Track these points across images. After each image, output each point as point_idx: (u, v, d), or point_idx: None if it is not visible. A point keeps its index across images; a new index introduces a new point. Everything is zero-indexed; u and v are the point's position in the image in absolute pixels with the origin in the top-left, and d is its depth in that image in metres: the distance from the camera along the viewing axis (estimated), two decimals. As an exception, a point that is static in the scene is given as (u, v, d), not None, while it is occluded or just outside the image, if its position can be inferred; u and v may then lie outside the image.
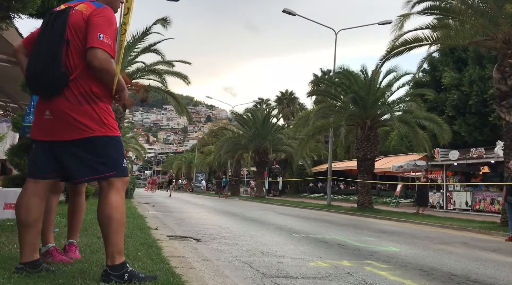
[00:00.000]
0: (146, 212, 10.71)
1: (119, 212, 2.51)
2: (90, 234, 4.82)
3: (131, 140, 51.98)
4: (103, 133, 2.51)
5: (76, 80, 2.49)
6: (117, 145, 2.59)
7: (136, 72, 19.89)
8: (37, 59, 2.48)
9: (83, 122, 2.46)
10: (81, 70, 2.51)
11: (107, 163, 2.52)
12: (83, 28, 2.51)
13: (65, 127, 2.47)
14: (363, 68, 18.18)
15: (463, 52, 21.62)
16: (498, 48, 11.42)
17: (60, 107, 2.47)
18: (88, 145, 2.48)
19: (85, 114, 2.48)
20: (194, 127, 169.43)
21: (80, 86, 2.49)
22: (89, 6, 2.59)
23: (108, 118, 2.56)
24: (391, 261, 5.06)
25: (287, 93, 54.04)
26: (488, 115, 19.48)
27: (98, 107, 2.52)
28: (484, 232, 10.24)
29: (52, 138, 2.52)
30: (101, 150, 2.51)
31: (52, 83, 2.45)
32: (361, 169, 17.76)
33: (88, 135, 2.47)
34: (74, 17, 2.53)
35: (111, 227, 2.47)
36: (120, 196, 2.54)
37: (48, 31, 2.52)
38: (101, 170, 2.51)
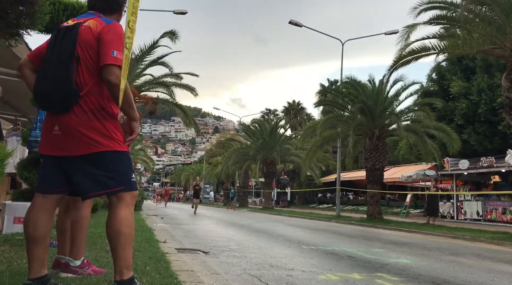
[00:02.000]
0: (155, 225, 10.70)
1: (128, 227, 2.50)
2: (98, 248, 4.81)
3: (140, 152, 52.19)
4: (112, 148, 2.52)
5: (86, 96, 2.50)
6: (126, 159, 2.60)
7: (144, 84, 20.05)
8: (47, 75, 2.48)
9: (92, 137, 2.47)
10: (91, 86, 2.52)
11: (116, 178, 2.52)
12: (94, 45, 2.53)
13: (74, 142, 2.48)
14: (370, 78, 18.18)
15: (471, 61, 21.52)
16: (507, 56, 11.36)
17: (69, 123, 2.48)
18: (97, 160, 2.49)
19: (94, 129, 2.49)
20: (202, 139, 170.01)
21: (90, 102, 2.51)
22: (99, 22, 2.60)
23: (117, 133, 2.57)
24: (402, 273, 4.99)
25: (295, 104, 54.09)
26: (498, 124, 19.30)
27: (107, 122, 2.53)
28: (496, 243, 10.07)
29: (61, 154, 2.53)
30: (110, 165, 2.51)
31: (63, 100, 2.46)
32: (370, 179, 17.64)
33: (97, 150, 2.48)
34: (84, 34, 2.54)
35: (119, 242, 2.46)
36: (129, 211, 2.53)
37: (58, 47, 2.52)
38: (110, 185, 2.51)
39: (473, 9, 11.26)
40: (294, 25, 21.31)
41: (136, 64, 18.97)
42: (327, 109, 23.71)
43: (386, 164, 18.48)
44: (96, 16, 2.66)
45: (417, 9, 12.06)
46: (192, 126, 24.49)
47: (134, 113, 2.69)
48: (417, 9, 12.05)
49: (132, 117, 2.70)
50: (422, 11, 12.07)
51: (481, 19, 11.38)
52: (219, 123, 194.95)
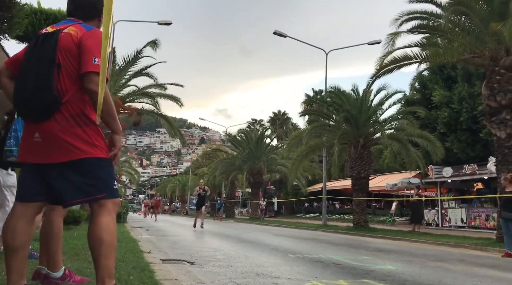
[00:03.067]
0: (140, 236, 10.56)
1: (110, 235, 2.45)
2: (81, 259, 4.73)
3: (124, 164, 51.69)
4: (93, 154, 2.48)
5: (68, 102, 2.47)
6: (108, 166, 2.56)
7: (128, 95, 19.95)
8: (27, 83, 2.44)
9: (73, 144, 2.44)
10: (72, 93, 2.49)
11: (97, 185, 2.48)
12: (74, 52, 2.50)
13: (55, 149, 2.44)
14: (354, 87, 18.39)
15: (452, 70, 21.95)
16: (486, 65, 11.61)
17: (50, 129, 2.44)
18: (78, 167, 2.45)
19: (75, 136, 2.45)
20: (187, 150, 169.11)
21: (71, 109, 2.47)
22: (79, 29, 2.57)
23: (99, 140, 2.54)
24: (387, 279, 5.00)
25: (280, 114, 54.35)
26: (479, 132, 19.65)
27: (89, 129, 2.50)
28: (480, 248, 10.19)
29: (42, 161, 2.48)
30: (91, 172, 2.47)
31: (44, 108, 2.42)
32: (355, 188, 17.74)
33: (79, 157, 2.44)
34: (64, 40, 2.51)
35: (101, 250, 2.41)
36: (111, 218, 2.49)
37: (37, 54, 2.49)
38: (91, 192, 2.47)
39: (453, 19, 11.51)
40: (279, 35, 21.49)
41: (120, 75, 18.89)
42: (313, 119, 23.88)
43: (371, 172, 18.62)
44: (76, 23, 2.63)
45: (399, 20, 12.28)
46: (178, 137, 24.38)
47: (116, 125, 2.61)
48: (399, 20, 12.27)
49: (114, 130, 2.62)
50: (404, 22, 12.29)
51: (461, 28, 11.65)
52: (205, 134, 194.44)
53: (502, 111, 11.15)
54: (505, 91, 11.08)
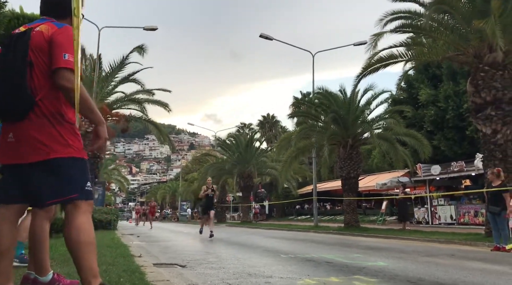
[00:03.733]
0: (131, 243, 10.47)
1: (87, 235, 2.41)
2: (71, 264, 4.64)
3: (114, 172, 51.38)
4: (66, 154, 2.44)
5: (41, 101, 2.45)
6: (81, 167, 2.52)
7: (116, 102, 19.86)
8: (0, 83, 2.42)
9: (46, 144, 2.41)
10: (46, 91, 2.46)
11: (69, 185, 2.44)
12: (45, 49, 2.48)
13: (29, 149, 2.41)
14: (341, 88, 18.51)
15: (437, 69, 22.23)
16: (470, 62, 11.78)
17: (23, 129, 2.42)
18: (50, 167, 2.41)
19: (49, 135, 2.42)
20: (177, 156, 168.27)
21: (45, 107, 2.45)
22: (50, 26, 2.55)
23: (73, 139, 2.50)
24: (379, 274, 5.02)
25: (269, 117, 54.49)
26: (466, 129, 19.91)
27: (63, 128, 2.47)
28: (469, 243, 10.30)
29: (17, 161, 2.45)
30: (64, 172, 2.43)
31: (18, 107, 2.40)
32: (345, 188, 17.82)
33: (52, 156, 2.40)
34: (35, 39, 2.50)
35: (80, 251, 2.37)
36: (86, 218, 2.45)
37: (10, 54, 2.47)
38: (64, 193, 2.42)
39: (437, 17, 11.67)
40: (265, 38, 21.58)
41: (107, 81, 18.80)
42: (301, 120, 23.99)
43: (360, 172, 18.73)
44: (48, 21, 2.62)
45: (383, 20, 12.40)
46: (167, 143, 24.31)
47: (95, 117, 2.60)
48: (383, 21, 12.39)
49: (94, 122, 2.61)
50: (388, 22, 12.40)
51: (444, 27, 11.80)
52: (194, 139, 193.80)
53: (487, 107, 11.30)
54: (489, 88, 11.23)
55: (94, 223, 13.11)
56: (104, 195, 25.57)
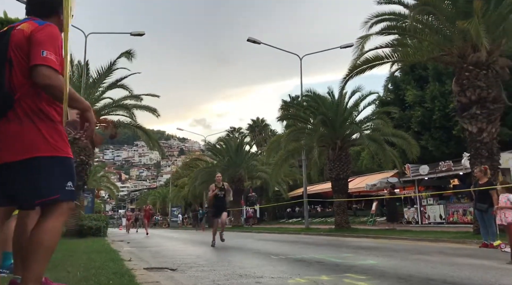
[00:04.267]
0: (121, 249, 10.39)
1: (52, 240, 2.37)
2: (59, 269, 4.63)
3: (103, 179, 50.95)
4: (48, 153, 2.41)
5: (21, 99, 2.42)
6: (64, 166, 2.48)
7: (104, 108, 19.72)
8: None
9: (26, 142, 2.38)
10: (26, 89, 2.44)
11: (50, 186, 2.40)
12: (25, 46, 2.46)
13: (9, 148, 2.38)
14: (330, 90, 18.64)
15: (423, 70, 22.48)
16: (455, 62, 11.95)
17: (2, 128, 2.40)
18: (32, 166, 2.38)
19: (29, 133, 2.39)
20: (167, 162, 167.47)
21: (25, 105, 2.42)
22: (31, 24, 2.54)
23: (54, 137, 2.47)
24: (369, 272, 5.06)
25: (259, 121, 54.55)
26: (452, 129, 20.14)
27: (45, 125, 2.44)
28: (458, 241, 10.41)
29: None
30: (45, 172, 2.39)
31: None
32: (335, 189, 17.90)
33: (32, 155, 2.37)
34: (16, 37, 2.49)
35: (37, 254, 2.32)
36: (58, 222, 2.41)
37: None
38: (44, 193, 2.38)
39: (421, 19, 11.83)
40: (253, 42, 21.65)
41: (94, 87, 18.67)
42: (290, 123, 24.05)
43: (350, 173, 18.84)
44: (30, 19, 2.61)
45: (369, 22, 12.54)
46: (156, 148, 24.15)
47: (82, 105, 2.62)
48: (369, 23, 12.53)
49: (82, 109, 2.63)
50: (374, 24, 12.55)
51: (429, 28, 11.97)
52: (184, 145, 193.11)
53: (473, 106, 11.46)
54: (474, 87, 11.40)
55: (84, 230, 13.00)
56: (94, 203, 25.33)
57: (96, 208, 32.18)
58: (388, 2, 12.06)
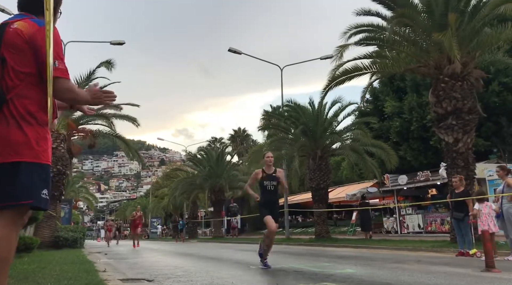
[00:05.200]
0: (98, 260, 10.16)
1: (8, 249, 2.27)
2: (30, 281, 4.49)
3: (81, 190, 49.99)
4: (31, 159, 2.35)
5: (11, 100, 2.35)
6: (42, 173, 2.40)
7: (82, 117, 19.40)
8: None
9: (11, 146, 2.31)
10: (17, 91, 2.36)
11: (26, 191, 2.33)
12: (23, 48, 2.37)
13: None
14: (310, 100, 18.78)
15: (401, 81, 22.89)
16: (431, 74, 12.20)
17: None
18: (12, 169, 2.31)
19: (15, 137, 2.32)
20: (147, 172, 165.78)
21: (14, 108, 2.35)
22: (29, 24, 2.43)
23: (40, 143, 2.40)
24: (347, 280, 5.06)
25: (240, 131, 54.55)
26: (430, 139, 20.49)
27: (32, 130, 2.37)
28: (436, 250, 10.52)
29: None
30: (23, 176, 2.32)
31: None
32: (316, 199, 17.95)
33: (15, 159, 2.31)
34: (11, 35, 2.38)
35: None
36: (12, 231, 2.31)
37: None
38: (17, 197, 2.29)
39: (398, 31, 12.07)
40: (234, 52, 21.74)
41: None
42: (272, 133, 24.11)
43: (330, 183, 18.93)
44: (27, 17, 2.49)
45: (347, 33, 12.71)
46: (136, 158, 23.88)
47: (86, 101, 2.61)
48: (347, 33, 12.70)
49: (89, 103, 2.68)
50: (352, 35, 12.73)
51: (406, 40, 12.21)
52: (165, 155, 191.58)
53: (449, 117, 11.69)
54: (450, 98, 11.64)
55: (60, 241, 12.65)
56: (71, 214, 24.79)
57: (74, 219, 31.47)
58: (367, 13, 12.27)
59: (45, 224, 15.89)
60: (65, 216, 22.01)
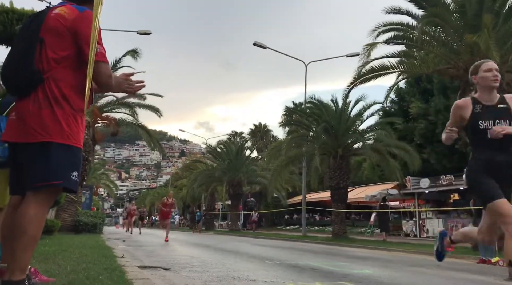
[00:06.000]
0: (116, 246, 10.32)
1: (36, 229, 2.33)
2: (50, 262, 4.57)
3: (102, 177, 50.85)
4: (61, 140, 2.39)
5: (47, 82, 2.41)
6: (73, 155, 2.46)
7: (106, 105, 19.72)
8: (12, 56, 2.45)
9: (39, 126, 2.36)
10: (53, 73, 2.43)
11: (56, 171, 2.37)
12: (63, 33, 2.44)
13: (22, 129, 2.38)
14: (333, 98, 18.59)
15: (429, 83, 22.45)
16: (460, 76, 11.89)
17: (23, 108, 2.40)
18: (42, 150, 2.36)
19: (47, 117, 2.38)
20: (167, 162, 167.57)
21: (48, 89, 2.41)
22: (71, 10, 2.49)
23: (71, 126, 2.45)
24: (364, 281, 4.98)
25: (261, 126, 54.49)
26: (455, 143, 20.03)
27: (63, 112, 2.42)
28: (456, 256, 10.28)
29: (11, 139, 2.43)
30: (54, 157, 2.37)
31: (24, 80, 2.38)
32: (334, 198, 17.81)
33: (45, 139, 2.36)
34: (52, 20, 2.46)
35: (22, 242, 2.28)
36: (42, 211, 2.37)
37: (25, 30, 2.50)
38: (48, 177, 2.35)
39: (428, 30, 11.80)
40: (259, 46, 21.66)
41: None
42: (292, 130, 24.03)
43: (349, 183, 18.75)
44: (68, 4, 2.56)
45: (376, 31, 12.52)
46: (157, 148, 24.16)
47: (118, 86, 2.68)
48: (376, 31, 12.51)
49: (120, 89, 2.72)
50: (381, 33, 12.53)
51: (436, 40, 11.93)
52: (185, 146, 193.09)
53: (476, 121, 11.37)
54: (478, 102, 11.30)
55: (80, 226, 12.93)
56: (92, 199, 25.28)
57: (94, 205, 32.08)
58: (397, 12, 12.04)
59: (66, 208, 16.24)
60: (86, 202, 22.45)
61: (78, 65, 2.48)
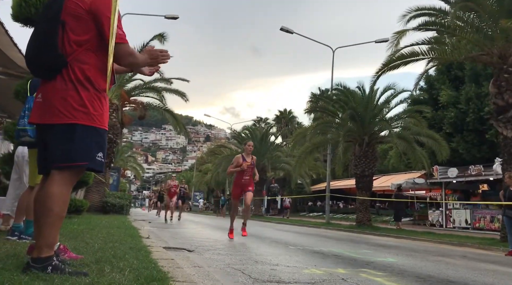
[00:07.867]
0: (142, 228, 10.55)
1: (62, 205, 2.41)
2: (79, 240, 4.71)
3: (129, 159, 51.89)
4: (86, 122, 2.45)
5: (70, 65, 2.46)
6: (98, 137, 2.51)
7: (134, 89, 19.99)
8: (35, 39, 2.49)
9: (67, 108, 2.42)
10: (75, 56, 2.48)
11: (82, 152, 2.44)
12: (83, 16, 2.48)
13: (48, 110, 2.44)
14: (360, 85, 18.29)
15: (460, 70, 21.78)
16: (494, 63, 11.49)
17: (48, 90, 2.45)
18: (68, 131, 2.42)
19: (72, 100, 2.43)
20: (193, 147, 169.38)
21: (72, 72, 2.45)
22: None
23: (96, 108, 2.50)
24: (387, 269, 4.94)
25: (286, 112, 54.18)
26: (486, 133, 19.49)
27: (87, 94, 2.47)
28: (483, 247, 10.09)
29: (39, 121, 2.49)
30: (79, 138, 2.43)
31: (47, 63, 2.44)
32: (359, 186, 17.65)
33: (70, 121, 2.42)
34: (72, 3, 2.49)
35: (48, 220, 2.36)
36: (67, 189, 2.45)
37: (45, 12, 2.53)
38: (74, 158, 2.42)
39: (462, 16, 11.40)
40: (286, 31, 21.43)
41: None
42: (318, 116, 23.83)
43: (375, 171, 18.52)
44: None
45: (407, 16, 12.19)
46: (183, 133, 24.43)
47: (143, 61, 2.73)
48: (407, 17, 12.18)
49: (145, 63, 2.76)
50: (412, 18, 12.19)
51: (469, 25, 11.52)
52: (211, 131, 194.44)
53: (509, 110, 11.03)
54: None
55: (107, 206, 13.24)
56: (119, 181, 25.85)
57: (121, 187, 32.81)
58: (429, -4, 11.67)
59: (94, 189, 16.67)
60: (113, 183, 22.97)
61: (99, 47, 2.52)
